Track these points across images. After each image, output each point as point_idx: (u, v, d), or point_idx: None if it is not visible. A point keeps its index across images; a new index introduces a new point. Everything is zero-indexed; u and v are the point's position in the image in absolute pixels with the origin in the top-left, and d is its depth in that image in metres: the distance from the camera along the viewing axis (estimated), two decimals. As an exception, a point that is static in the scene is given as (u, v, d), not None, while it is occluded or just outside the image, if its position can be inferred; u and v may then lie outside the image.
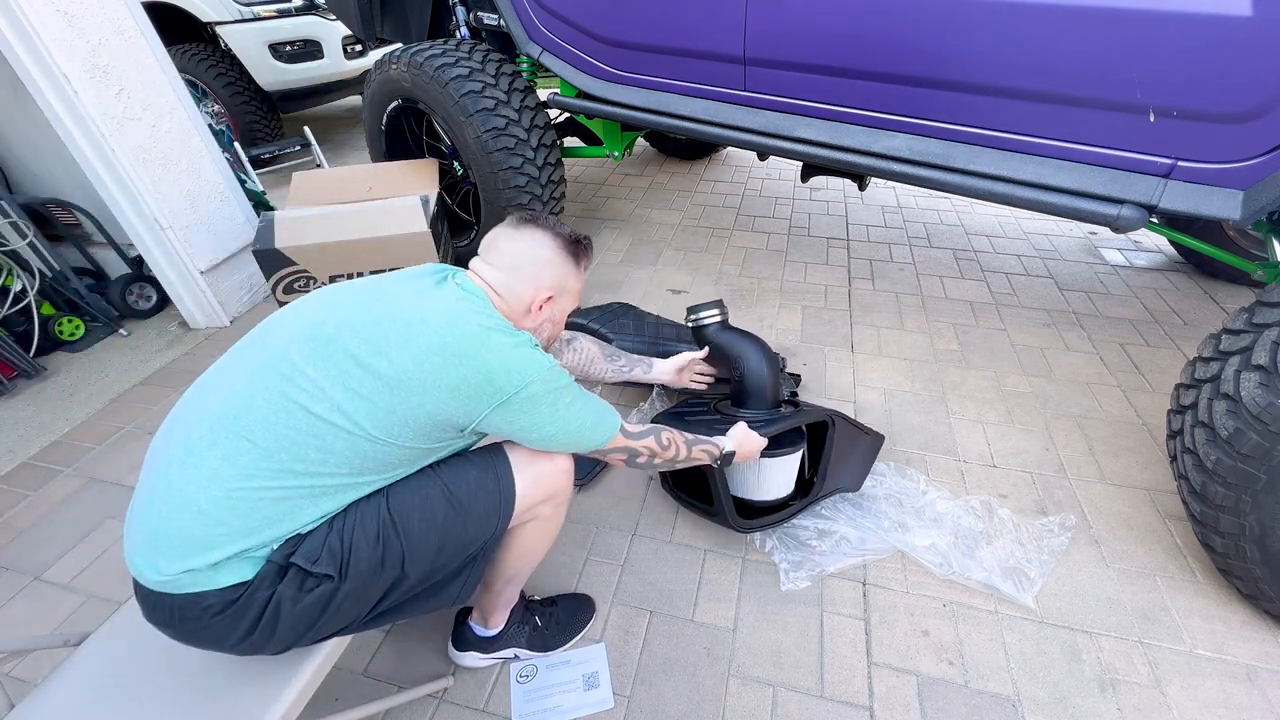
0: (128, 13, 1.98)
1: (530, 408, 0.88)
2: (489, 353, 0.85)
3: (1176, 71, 1.23)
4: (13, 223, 2.13)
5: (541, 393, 0.88)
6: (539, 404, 0.88)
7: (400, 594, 0.87)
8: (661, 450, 1.05)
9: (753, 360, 1.39)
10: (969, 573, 1.33)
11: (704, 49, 1.84)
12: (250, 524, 0.76)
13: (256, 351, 0.84)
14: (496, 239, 1.00)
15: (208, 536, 0.74)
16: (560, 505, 1.02)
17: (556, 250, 1.01)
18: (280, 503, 0.77)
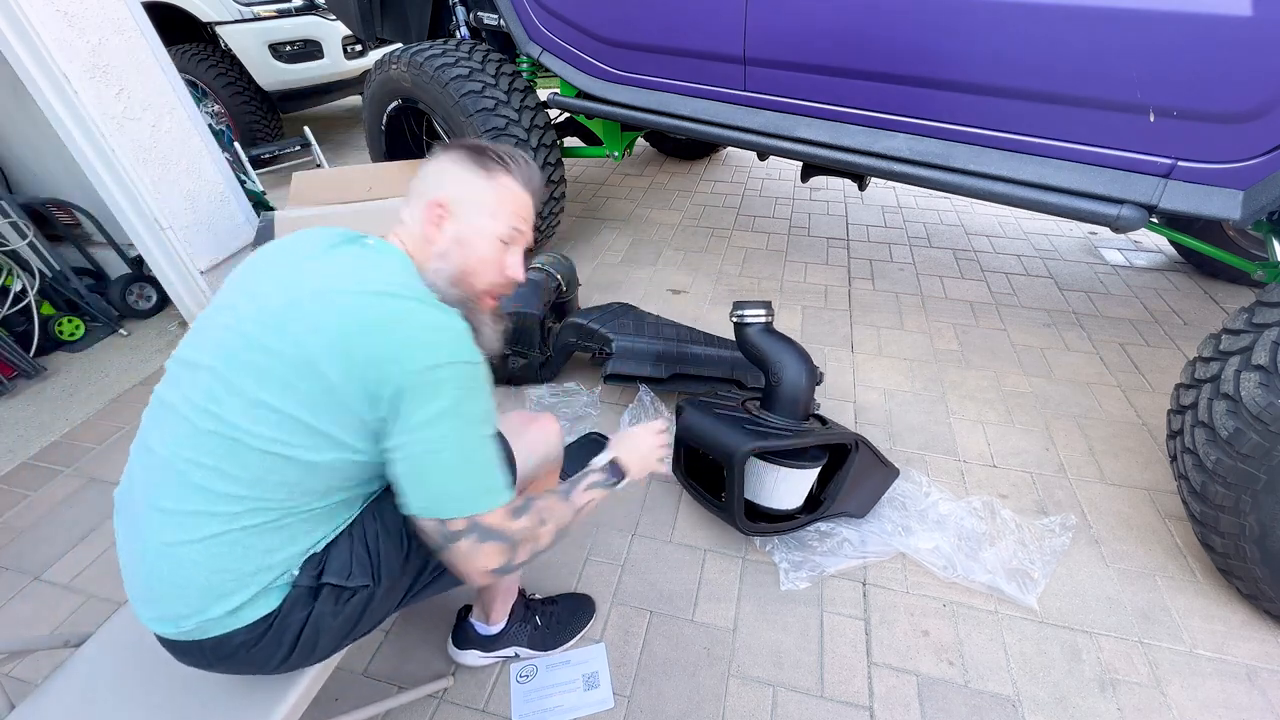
0: (128, 13, 1.98)
1: (431, 398, 0.69)
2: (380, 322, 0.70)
3: (1176, 71, 1.23)
4: (13, 223, 2.13)
5: (452, 378, 0.70)
6: (440, 394, 0.69)
7: (427, 576, 0.89)
8: (539, 528, 0.79)
9: (791, 370, 1.37)
10: (973, 575, 1.33)
11: (704, 49, 1.84)
12: (256, 561, 0.72)
13: (186, 389, 0.74)
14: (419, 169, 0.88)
15: (215, 585, 0.71)
16: (553, 472, 1.04)
17: (452, 156, 0.85)
18: (278, 531, 0.73)
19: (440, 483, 0.72)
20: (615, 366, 1.74)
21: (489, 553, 0.74)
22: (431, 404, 0.70)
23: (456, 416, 0.71)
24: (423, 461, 0.71)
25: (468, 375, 0.72)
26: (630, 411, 1.75)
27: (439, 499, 0.72)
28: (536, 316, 1.81)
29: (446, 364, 0.71)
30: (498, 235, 0.85)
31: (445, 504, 0.72)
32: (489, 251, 0.85)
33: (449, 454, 0.71)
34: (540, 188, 0.91)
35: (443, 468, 0.72)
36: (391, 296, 0.72)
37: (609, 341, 1.78)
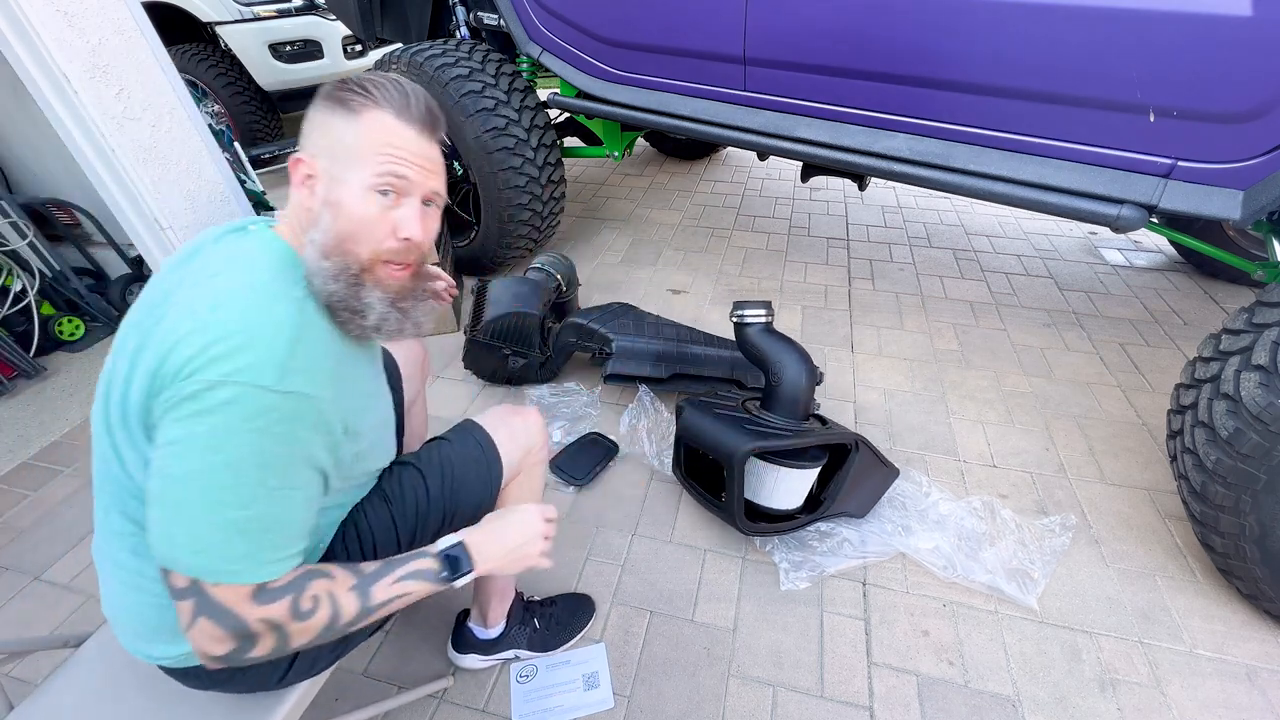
0: (128, 13, 1.98)
1: (191, 417, 0.56)
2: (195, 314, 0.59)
3: (1176, 71, 1.23)
4: (13, 223, 2.13)
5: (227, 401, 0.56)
6: (204, 415, 0.56)
7: None
8: (297, 621, 0.62)
9: (791, 370, 1.37)
10: (973, 575, 1.33)
11: (704, 49, 1.84)
12: None
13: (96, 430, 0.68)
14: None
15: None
16: (538, 463, 1.02)
17: (315, 103, 0.69)
18: None
19: (164, 519, 0.58)
20: (615, 366, 1.74)
21: (205, 633, 0.59)
22: (188, 424, 0.56)
23: (216, 449, 0.56)
24: (161, 486, 0.58)
25: (253, 405, 0.57)
26: (630, 411, 1.75)
27: (163, 539, 0.58)
28: (536, 316, 1.81)
29: (223, 382, 0.56)
30: (367, 185, 0.66)
31: (162, 546, 0.58)
32: (361, 208, 0.66)
33: (191, 491, 0.57)
34: (432, 114, 0.70)
35: (176, 504, 0.58)
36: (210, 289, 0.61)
37: (609, 341, 1.77)
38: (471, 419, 0.98)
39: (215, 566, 0.58)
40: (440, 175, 0.73)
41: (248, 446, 0.57)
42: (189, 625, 0.59)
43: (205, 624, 0.59)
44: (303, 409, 0.61)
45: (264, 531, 0.60)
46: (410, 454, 0.94)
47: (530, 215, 2.27)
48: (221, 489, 0.57)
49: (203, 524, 0.58)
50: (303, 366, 0.61)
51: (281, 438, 0.59)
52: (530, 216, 2.27)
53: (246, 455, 0.58)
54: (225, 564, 0.59)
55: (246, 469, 0.58)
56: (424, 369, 1.22)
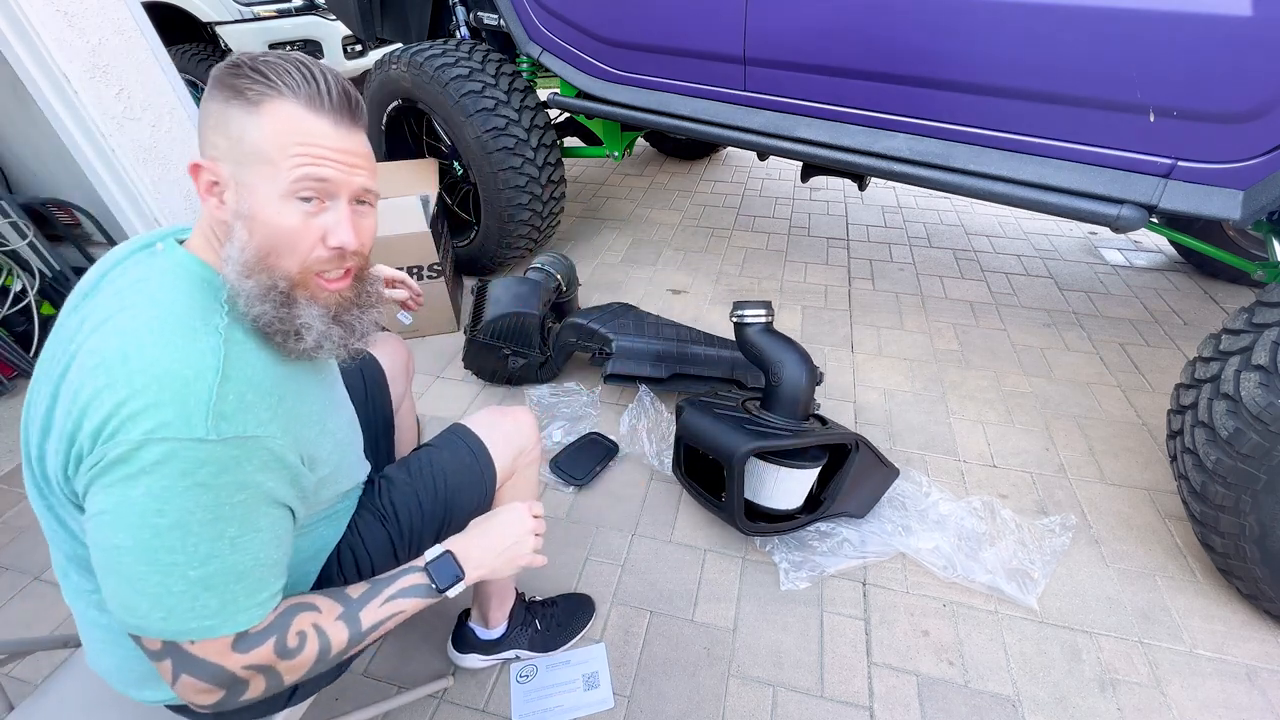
0: (128, 13, 1.98)
1: (116, 483, 0.51)
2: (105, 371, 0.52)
3: (1176, 71, 1.23)
4: (13, 223, 2.13)
5: (153, 460, 0.51)
6: (130, 480, 0.51)
7: None
8: (285, 659, 0.60)
9: (791, 369, 1.37)
10: (973, 575, 1.33)
11: (704, 49, 1.84)
12: None
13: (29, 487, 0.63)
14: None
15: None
16: (531, 464, 1.02)
17: (209, 93, 0.58)
18: None
19: (119, 593, 0.54)
20: (615, 366, 1.74)
21: (190, 688, 0.56)
22: (121, 489, 0.51)
23: (159, 513, 0.51)
24: (100, 561, 0.54)
25: (190, 458, 0.52)
26: (630, 411, 1.75)
27: (124, 609, 0.54)
28: (536, 316, 1.81)
29: (148, 440, 0.50)
30: (283, 192, 0.57)
31: (128, 617, 0.54)
32: (280, 219, 0.57)
33: (131, 559, 0.52)
34: (348, 99, 0.60)
35: (129, 575, 0.53)
36: (115, 331, 0.54)
37: (609, 341, 1.77)
38: (460, 423, 0.98)
39: (186, 627, 0.54)
40: (369, 169, 0.63)
41: (193, 503, 0.52)
42: (173, 682, 0.57)
43: (188, 680, 0.56)
44: (247, 452, 0.55)
45: (233, 582, 0.56)
46: (399, 463, 0.93)
47: (530, 215, 2.27)
48: (173, 552, 0.52)
49: (162, 589, 0.53)
50: (237, 407, 0.54)
51: (230, 487, 0.54)
52: (530, 216, 2.27)
53: (194, 512, 0.52)
54: (197, 622, 0.54)
55: (197, 526, 0.53)
56: (408, 370, 1.21)
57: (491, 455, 0.94)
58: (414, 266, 2.01)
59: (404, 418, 1.20)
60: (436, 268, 2.03)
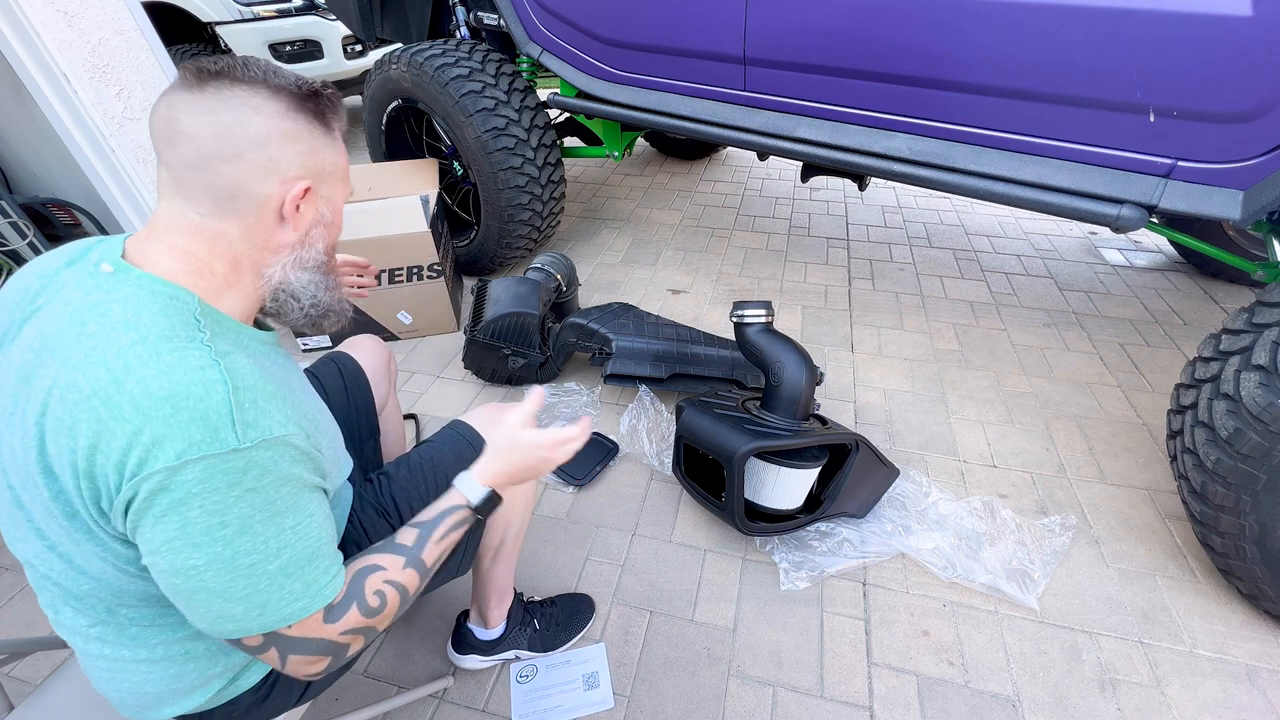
0: (128, 13, 1.98)
1: (169, 512, 0.52)
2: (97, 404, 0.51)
3: (1176, 71, 1.23)
4: (13, 223, 2.13)
5: (197, 481, 0.52)
6: (183, 505, 0.52)
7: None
8: (371, 617, 0.64)
9: (791, 369, 1.37)
10: (973, 575, 1.33)
11: (704, 49, 1.84)
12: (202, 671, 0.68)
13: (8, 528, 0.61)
14: (175, 123, 0.57)
15: (181, 685, 0.67)
16: None
17: (286, 107, 0.60)
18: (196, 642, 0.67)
19: (211, 608, 0.56)
20: (615, 367, 1.74)
21: (300, 664, 0.62)
22: (176, 516, 0.52)
23: (222, 525, 0.53)
24: (179, 587, 0.55)
25: (231, 469, 0.53)
26: (630, 411, 1.75)
27: (213, 621, 0.57)
28: (536, 316, 1.81)
29: (183, 463, 0.51)
30: (345, 199, 0.71)
31: (226, 625, 0.57)
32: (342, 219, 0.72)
33: (213, 574, 0.54)
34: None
35: (208, 590, 0.55)
36: (95, 361, 0.52)
37: (609, 341, 1.78)
38: (460, 419, 0.98)
39: (281, 615, 0.58)
40: None
41: (249, 507, 0.54)
42: (282, 665, 0.61)
43: (296, 659, 0.61)
44: (278, 452, 0.57)
45: (306, 565, 0.59)
46: (399, 459, 0.94)
47: (530, 215, 2.27)
48: (249, 554, 0.55)
49: (251, 590, 0.56)
50: (255, 414, 0.55)
51: (275, 485, 0.56)
52: (530, 216, 2.27)
53: (253, 515, 0.55)
54: (289, 608, 0.58)
55: (260, 526, 0.55)
56: (390, 371, 1.21)
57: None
58: (414, 266, 2.01)
59: (389, 419, 1.20)
60: (436, 268, 2.03)
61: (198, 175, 0.58)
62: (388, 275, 2.01)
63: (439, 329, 2.18)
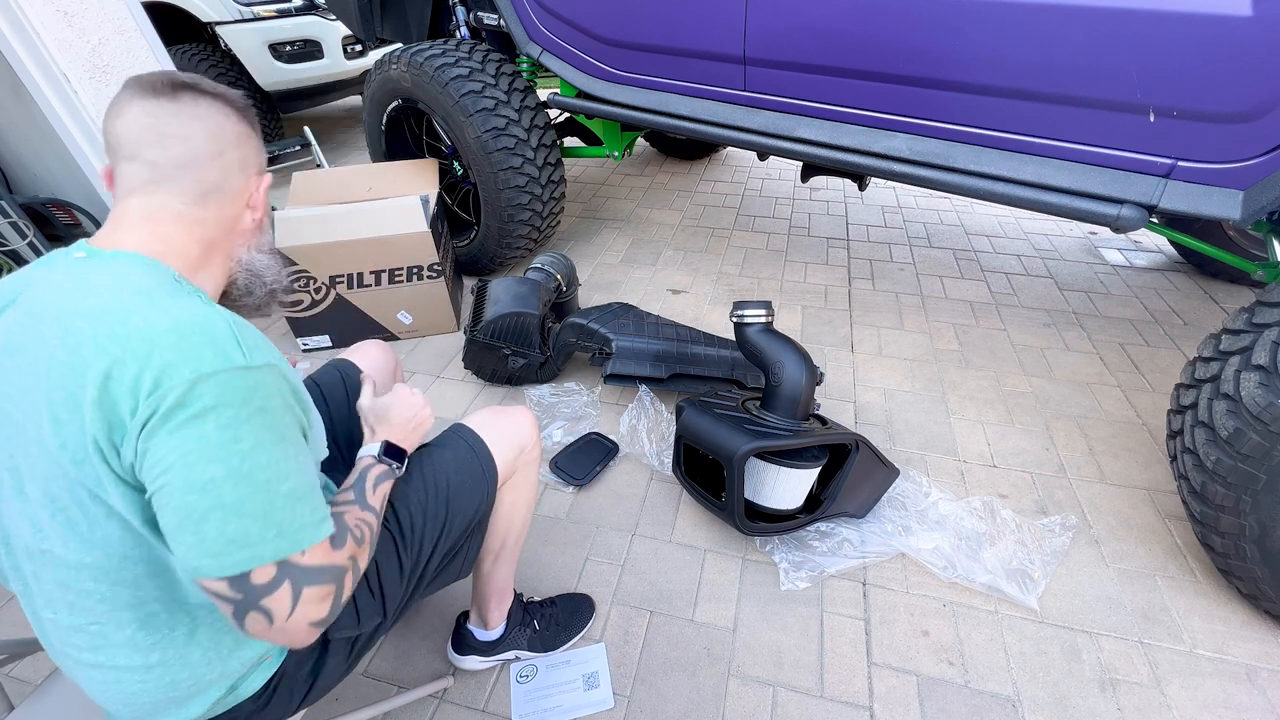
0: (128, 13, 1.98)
1: (186, 425, 0.53)
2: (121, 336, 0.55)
3: (1176, 71, 1.23)
4: (13, 223, 2.13)
5: (214, 393, 0.54)
6: (201, 418, 0.54)
7: (423, 587, 0.90)
8: (358, 548, 0.67)
9: (791, 369, 1.37)
10: (973, 575, 1.33)
11: (704, 49, 1.84)
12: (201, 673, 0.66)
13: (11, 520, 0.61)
14: (162, 127, 0.64)
15: (177, 694, 0.66)
16: (531, 463, 1.02)
17: (240, 113, 0.71)
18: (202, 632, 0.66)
19: (224, 525, 0.54)
20: (615, 367, 1.74)
21: (313, 600, 0.58)
22: (189, 430, 0.53)
23: (237, 440, 0.55)
24: (192, 505, 0.53)
25: (243, 386, 0.56)
26: (630, 411, 1.75)
27: (224, 547, 0.54)
28: (536, 316, 1.81)
29: (200, 378, 0.54)
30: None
31: (239, 552, 0.55)
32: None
33: (229, 487, 0.54)
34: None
35: (224, 506, 0.54)
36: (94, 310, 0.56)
37: (609, 341, 1.78)
38: (460, 423, 0.98)
39: (297, 538, 0.58)
40: None
41: (260, 427, 0.57)
42: (293, 605, 0.57)
43: (310, 592, 0.58)
44: (278, 378, 0.61)
45: (311, 493, 0.61)
46: None
47: (530, 215, 2.27)
48: (264, 470, 0.56)
49: (267, 506, 0.56)
50: (253, 343, 0.60)
51: (279, 410, 0.60)
52: (530, 216, 2.27)
53: (263, 435, 0.57)
54: (303, 531, 0.58)
55: (270, 447, 0.57)
56: (396, 378, 1.21)
57: (492, 453, 0.94)
58: (414, 266, 2.01)
59: None
60: (436, 268, 2.03)
61: (187, 171, 0.66)
62: (388, 275, 2.01)
63: (439, 329, 2.18)
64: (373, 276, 2.00)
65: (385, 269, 1.99)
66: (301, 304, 2.01)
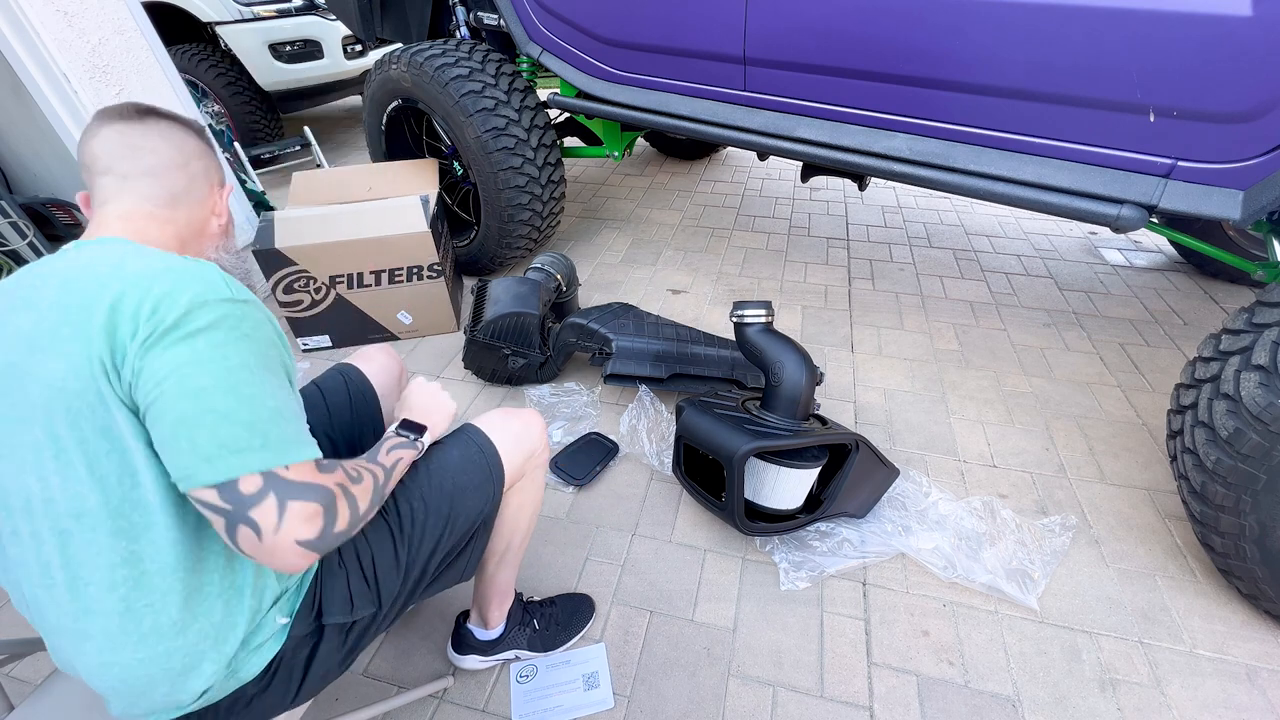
0: (128, 13, 1.98)
1: (181, 341, 0.59)
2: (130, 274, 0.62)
3: (1176, 71, 1.23)
4: (13, 223, 2.13)
5: (210, 316, 0.61)
6: (195, 336, 0.59)
7: (423, 585, 0.89)
8: (354, 484, 0.69)
9: (790, 369, 1.37)
10: (973, 575, 1.33)
11: (704, 49, 1.84)
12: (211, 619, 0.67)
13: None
14: (133, 143, 0.74)
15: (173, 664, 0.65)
16: (539, 466, 1.02)
17: (199, 134, 0.81)
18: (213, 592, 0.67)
19: (215, 430, 0.58)
20: (615, 367, 1.74)
21: (299, 517, 0.60)
22: (183, 346, 0.59)
23: (225, 358, 0.60)
24: (185, 411, 0.57)
25: (232, 314, 0.63)
26: (630, 411, 1.75)
27: (215, 453, 0.57)
28: (536, 316, 1.81)
29: (196, 304, 0.60)
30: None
31: (229, 457, 0.58)
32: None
33: (219, 396, 0.59)
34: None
35: (214, 412, 0.58)
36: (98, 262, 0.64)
37: (609, 341, 1.78)
38: (470, 423, 0.97)
39: (281, 449, 0.61)
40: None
41: (247, 351, 0.62)
42: (278, 524, 0.59)
43: (296, 506, 0.60)
44: (263, 314, 0.67)
45: (296, 418, 0.65)
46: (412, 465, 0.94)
47: (530, 215, 2.27)
48: (250, 384, 0.61)
49: (253, 416, 0.60)
50: (238, 285, 0.67)
51: (264, 341, 0.65)
52: (530, 216, 2.27)
53: (249, 359, 0.62)
54: (288, 446, 0.62)
55: (256, 369, 0.62)
56: (401, 383, 1.21)
57: (500, 455, 0.94)
58: (414, 266, 2.01)
59: None
60: (436, 268, 2.03)
61: (157, 179, 0.75)
62: (388, 275, 2.01)
63: (439, 329, 2.18)
64: (373, 276, 2.00)
65: (385, 269, 1.99)
66: (301, 304, 2.01)
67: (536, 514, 1.07)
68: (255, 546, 0.59)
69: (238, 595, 0.69)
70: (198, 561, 0.65)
